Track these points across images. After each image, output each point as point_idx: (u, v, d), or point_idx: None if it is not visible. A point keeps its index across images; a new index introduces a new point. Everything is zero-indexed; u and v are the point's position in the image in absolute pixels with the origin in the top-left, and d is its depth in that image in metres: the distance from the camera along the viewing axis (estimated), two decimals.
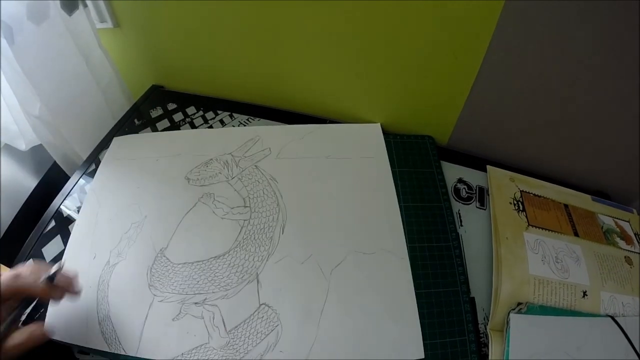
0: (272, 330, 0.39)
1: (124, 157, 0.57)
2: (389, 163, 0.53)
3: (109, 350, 0.39)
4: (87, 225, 0.49)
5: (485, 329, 0.41)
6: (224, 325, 0.40)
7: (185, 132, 0.60)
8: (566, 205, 0.50)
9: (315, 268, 0.43)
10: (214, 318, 0.40)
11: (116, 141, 0.59)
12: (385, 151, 0.54)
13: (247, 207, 0.49)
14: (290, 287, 0.42)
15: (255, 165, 0.53)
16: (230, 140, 0.56)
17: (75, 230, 0.49)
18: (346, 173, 0.52)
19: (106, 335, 0.40)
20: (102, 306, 0.42)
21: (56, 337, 0.39)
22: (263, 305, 0.41)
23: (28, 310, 0.41)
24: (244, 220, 0.48)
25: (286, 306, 0.41)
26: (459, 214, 0.50)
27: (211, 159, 0.54)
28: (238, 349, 0.38)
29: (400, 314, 0.40)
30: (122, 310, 0.42)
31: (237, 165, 0.53)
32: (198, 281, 0.43)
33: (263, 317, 0.40)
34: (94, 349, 0.40)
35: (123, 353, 0.39)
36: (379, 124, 0.58)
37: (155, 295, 0.42)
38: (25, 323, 0.42)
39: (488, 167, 0.54)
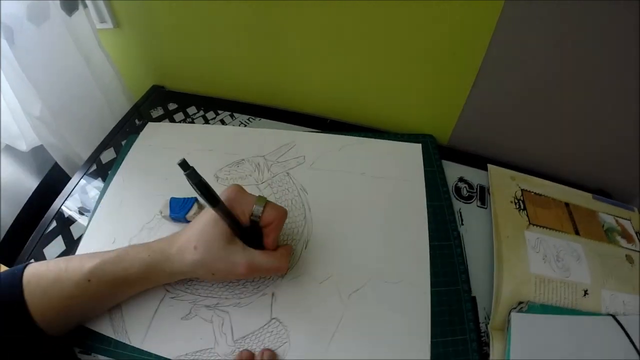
0: (279, 347, 0.38)
1: (156, 144, 0.57)
2: (424, 188, 0.50)
3: (114, 337, 0.40)
4: (110, 208, 0.50)
5: (487, 328, 0.41)
6: (232, 334, 0.39)
7: (222, 128, 0.60)
8: (567, 204, 0.50)
9: (333, 290, 0.42)
10: (223, 324, 0.40)
11: (150, 126, 0.60)
12: (423, 175, 0.51)
13: None
14: (305, 306, 0.41)
15: (287, 172, 0.51)
16: (265, 143, 0.55)
17: (99, 210, 0.50)
18: (379, 194, 0.49)
19: (114, 322, 0.40)
20: None
21: None
22: (274, 320, 0.40)
23: None
24: None
25: (298, 324, 0.39)
26: (460, 212, 0.50)
27: (243, 160, 0.53)
28: None
29: (414, 351, 0.38)
30: (134, 300, 0.41)
31: (268, 170, 0.52)
32: (213, 284, 0.42)
33: (273, 331, 0.39)
34: (98, 333, 0.40)
35: (128, 342, 0.39)
36: (419, 145, 0.55)
37: (168, 291, 0.42)
38: None
39: (489, 165, 0.54)
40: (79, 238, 0.48)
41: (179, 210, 0.47)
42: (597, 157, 0.53)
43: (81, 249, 0.46)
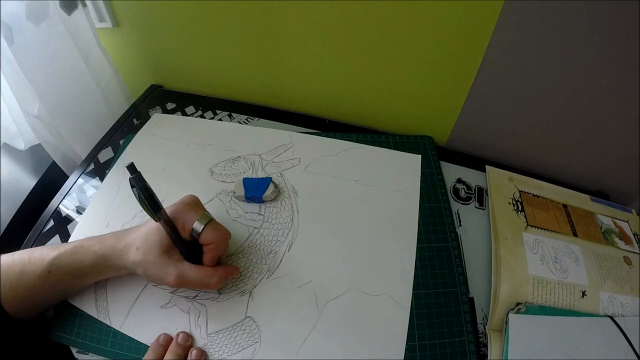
0: (250, 345, 0.38)
1: (159, 134, 0.58)
2: (418, 201, 0.49)
3: (97, 317, 0.41)
4: (108, 193, 0.51)
5: (484, 329, 0.41)
6: (207, 327, 0.40)
7: (222, 124, 0.61)
8: (565, 206, 0.50)
9: (310, 295, 0.41)
10: (199, 317, 0.40)
11: (156, 117, 0.62)
12: (419, 188, 0.50)
13: (261, 214, 0.48)
14: (280, 308, 0.41)
15: (281, 173, 0.52)
16: (262, 142, 0.56)
17: (97, 194, 0.52)
18: (371, 203, 0.48)
19: (98, 302, 0.42)
20: None
21: None
22: (248, 319, 0.40)
23: None
24: (255, 228, 0.46)
25: (271, 326, 0.39)
26: (458, 214, 0.50)
27: (239, 157, 0.54)
28: (214, 354, 0.38)
29: None
30: (119, 284, 0.42)
31: (262, 169, 0.52)
32: None
33: (246, 329, 0.39)
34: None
35: (108, 323, 0.41)
36: (419, 156, 0.54)
37: None
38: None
39: (487, 167, 0.54)
40: None
41: (254, 190, 0.47)
42: (595, 159, 0.53)
43: (77, 230, 0.48)
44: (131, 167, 0.35)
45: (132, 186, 0.35)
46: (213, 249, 0.38)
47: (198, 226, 0.37)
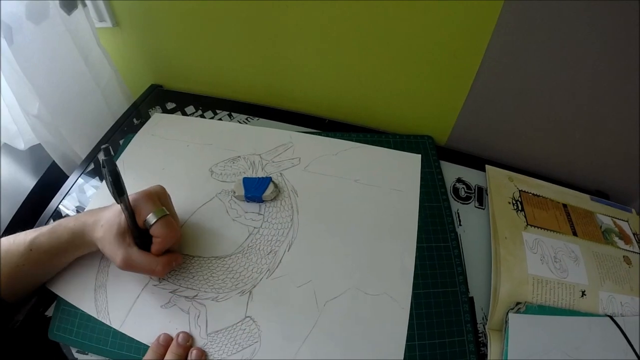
0: (250, 345, 0.39)
1: (159, 134, 0.58)
2: (418, 201, 0.49)
3: (96, 317, 0.41)
4: (108, 193, 0.51)
5: (484, 328, 0.41)
6: (206, 327, 0.40)
7: (222, 124, 0.61)
8: (565, 205, 0.50)
9: (310, 295, 0.41)
10: (199, 316, 0.40)
11: (156, 117, 0.61)
12: (419, 187, 0.50)
13: (260, 214, 0.48)
14: (280, 308, 0.41)
15: (281, 173, 0.52)
16: (262, 141, 0.56)
17: (97, 194, 0.52)
18: (371, 203, 0.48)
19: (98, 302, 0.42)
20: (101, 274, 0.44)
21: (53, 289, 0.43)
22: (248, 318, 0.40)
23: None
24: (255, 227, 0.47)
25: (271, 325, 0.40)
26: (458, 213, 0.50)
27: (239, 156, 0.54)
28: (214, 353, 0.38)
29: None
30: (119, 284, 0.43)
31: (262, 169, 0.52)
32: (194, 276, 0.43)
33: (246, 329, 0.39)
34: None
35: (108, 323, 0.41)
36: (419, 156, 0.54)
37: (151, 278, 0.43)
38: (26, 319, 0.42)
39: (487, 166, 0.54)
40: None
41: (254, 190, 0.48)
42: (595, 159, 0.53)
43: None
44: (106, 150, 0.36)
45: (103, 167, 0.36)
46: (160, 242, 0.39)
47: (151, 218, 0.39)
